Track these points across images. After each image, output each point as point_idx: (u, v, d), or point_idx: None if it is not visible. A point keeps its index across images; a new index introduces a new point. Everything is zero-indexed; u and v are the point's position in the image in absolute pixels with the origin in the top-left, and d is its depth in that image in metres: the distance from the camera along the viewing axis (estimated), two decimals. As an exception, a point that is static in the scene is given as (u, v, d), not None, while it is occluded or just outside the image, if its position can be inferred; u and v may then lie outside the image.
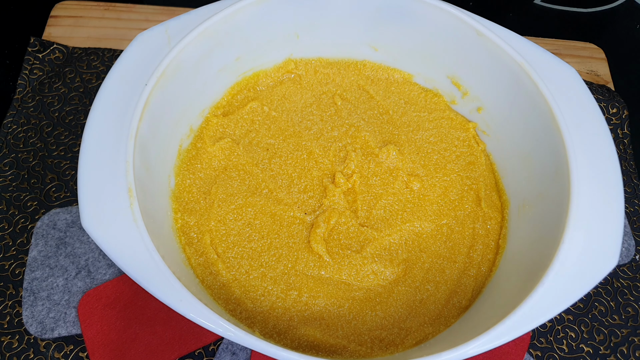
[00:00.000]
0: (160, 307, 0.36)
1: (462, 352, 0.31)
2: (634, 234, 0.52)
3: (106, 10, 0.61)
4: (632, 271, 0.50)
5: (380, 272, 0.42)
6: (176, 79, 0.40)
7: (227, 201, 0.44)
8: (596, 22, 0.70)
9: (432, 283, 0.42)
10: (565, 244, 0.34)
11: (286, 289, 0.41)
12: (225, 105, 0.48)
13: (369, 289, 0.42)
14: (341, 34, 0.48)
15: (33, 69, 0.56)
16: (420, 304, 0.42)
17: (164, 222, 0.40)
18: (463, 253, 0.44)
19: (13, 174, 0.50)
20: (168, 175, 0.43)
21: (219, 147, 0.46)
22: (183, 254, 0.41)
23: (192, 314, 0.31)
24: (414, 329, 0.40)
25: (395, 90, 0.51)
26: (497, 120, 0.46)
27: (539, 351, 0.46)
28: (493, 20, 0.43)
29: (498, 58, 0.42)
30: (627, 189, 0.54)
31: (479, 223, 0.45)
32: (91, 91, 0.55)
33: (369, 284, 0.42)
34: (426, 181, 0.47)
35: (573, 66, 0.42)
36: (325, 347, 0.39)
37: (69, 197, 0.49)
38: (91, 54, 0.57)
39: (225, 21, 0.41)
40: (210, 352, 0.43)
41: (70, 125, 0.53)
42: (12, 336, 0.43)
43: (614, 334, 0.47)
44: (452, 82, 0.48)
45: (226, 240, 0.42)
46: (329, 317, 0.41)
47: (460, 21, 0.42)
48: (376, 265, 0.42)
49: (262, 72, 0.49)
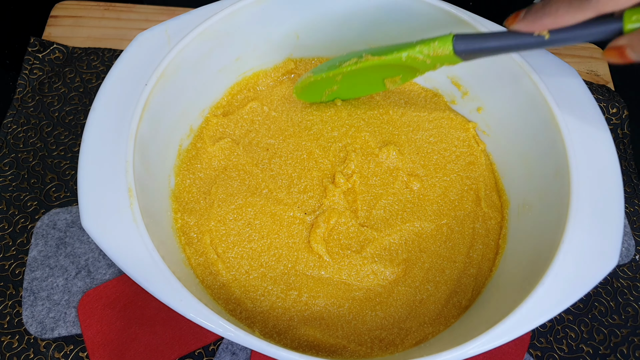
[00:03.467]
0: (160, 307, 0.36)
1: (462, 352, 0.31)
2: (634, 234, 0.52)
3: (106, 10, 0.61)
4: (632, 271, 0.50)
5: (380, 272, 0.42)
6: (176, 79, 0.40)
7: (227, 201, 0.44)
8: (596, 22, 0.69)
9: (432, 283, 0.42)
10: (565, 244, 0.34)
11: (286, 289, 0.41)
12: (225, 105, 0.48)
13: (369, 289, 0.42)
14: (341, 34, 0.48)
15: (33, 69, 0.56)
16: (420, 304, 0.42)
17: (164, 222, 0.40)
18: (463, 253, 0.44)
19: (13, 174, 0.50)
20: (168, 175, 0.43)
21: (219, 147, 0.46)
22: (183, 254, 0.41)
23: (192, 314, 0.31)
24: (414, 329, 0.40)
25: (395, 90, 0.51)
26: (497, 120, 0.46)
27: (539, 351, 0.46)
28: (493, 20, 0.43)
29: (498, 58, 0.42)
30: (627, 189, 0.54)
31: (479, 223, 0.45)
32: (91, 91, 0.55)
33: (369, 284, 0.42)
34: (426, 181, 0.47)
35: (573, 66, 0.42)
36: (325, 347, 0.39)
37: (69, 197, 0.49)
38: (91, 54, 0.57)
39: (225, 21, 0.41)
40: (210, 352, 0.43)
41: (70, 125, 0.53)
42: (12, 336, 0.43)
43: (614, 334, 0.47)
44: (452, 82, 0.48)
45: (226, 240, 0.42)
46: (329, 317, 0.41)
47: (460, 21, 0.42)
48: (376, 265, 0.42)
49: (262, 72, 0.49)
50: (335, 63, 0.43)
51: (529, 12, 0.33)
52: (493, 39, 0.35)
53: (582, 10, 0.31)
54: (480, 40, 0.36)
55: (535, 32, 0.33)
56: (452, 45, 0.36)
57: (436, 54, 0.37)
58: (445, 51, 0.37)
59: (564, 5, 0.31)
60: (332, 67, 0.43)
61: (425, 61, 0.38)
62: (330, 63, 0.44)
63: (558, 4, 0.31)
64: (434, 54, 0.37)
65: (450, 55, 0.37)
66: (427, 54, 0.38)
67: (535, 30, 0.33)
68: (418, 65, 0.39)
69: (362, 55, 0.41)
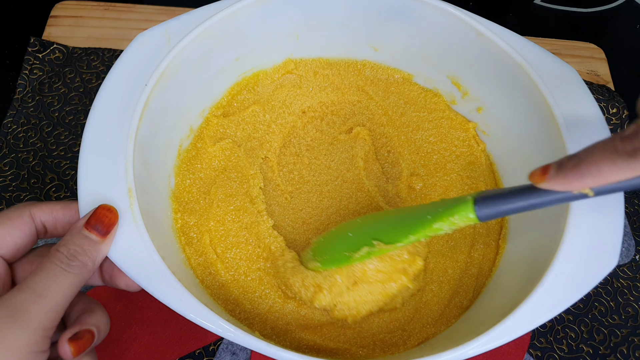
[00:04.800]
0: (160, 307, 0.36)
1: (462, 352, 0.31)
2: (634, 234, 0.52)
3: (106, 10, 0.61)
4: (632, 271, 0.50)
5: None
6: (176, 79, 0.40)
7: (226, 202, 0.44)
8: (596, 22, 0.70)
9: (436, 283, 0.42)
10: (565, 244, 0.34)
11: (284, 296, 0.41)
12: (225, 106, 0.48)
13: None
14: (341, 34, 0.48)
15: (33, 69, 0.56)
16: (424, 306, 0.41)
17: (164, 222, 0.40)
18: (464, 252, 0.44)
19: (13, 174, 0.50)
20: (168, 175, 0.43)
21: (220, 148, 0.46)
22: (183, 254, 0.41)
23: (192, 314, 0.31)
24: (417, 330, 0.40)
25: (395, 90, 0.51)
26: (497, 120, 0.46)
27: (539, 351, 0.46)
28: (493, 20, 0.43)
29: (498, 58, 0.42)
30: (627, 189, 0.54)
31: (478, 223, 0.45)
32: (91, 91, 0.55)
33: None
34: (426, 181, 0.47)
35: (573, 66, 0.42)
36: (326, 350, 0.39)
37: (69, 197, 0.49)
38: (91, 54, 0.57)
39: (225, 21, 0.41)
40: (210, 352, 0.43)
41: (70, 125, 0.53)
42: (12, 336, 0.43)
43: (614, 334, 0.47)
44: (452, 82, 0.48)
45: (225, 240, 0.42)
46: (331, 327, 0.40)
47: (460, 21, 0.42)
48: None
49: (262, 72, 0.49)
50: (343, 246, 0.38)
51: (562, 170, 0.26)
52: (519, 198, 0.29)
53: (631, 169, 0.24)
54: (505, 201, 0.30)
55: (574, 191, 0.27)
56: (473, 213, 0.30)
57: (456, 227, 0.32)
58: (466, 222, 0.31)
59: (607, 164, 0.25)
60: (339, 251, 0.38)
61: (442, 229, 0.33)
62: (335, 244, 0.39)
63: (599, 165, 0.25)
64: (453, 228, 0.32)
65: (472, 221, 0.31)
66: (446, 230, 0.32)
67: (574, 190, 0.27)
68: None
69: (372, 244, 0.35)
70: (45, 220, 0.33)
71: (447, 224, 0.32)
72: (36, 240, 0.33)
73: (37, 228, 0.33)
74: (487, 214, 0.30)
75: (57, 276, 0.28)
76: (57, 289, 0.28)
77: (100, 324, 0.31)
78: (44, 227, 0.33)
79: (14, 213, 0.32)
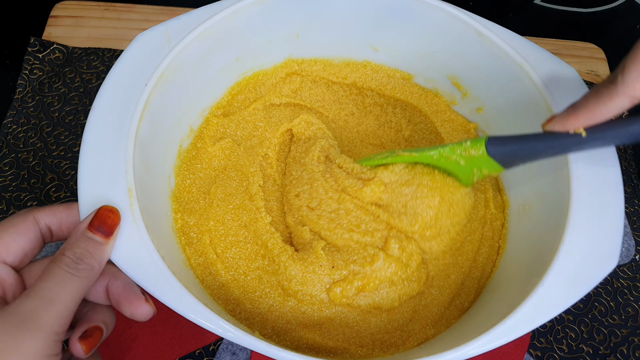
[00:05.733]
0: (160, 307, 0.36)
1: (462, 353, 0.31)
2: (634, 234, 0.52)
3: (106, 10, 0.61)
4: (632, 271, 0.50)
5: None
6: (176, 79, 0.40)
7: (226, 201, 0.44)
8: (596, 22, 0.70)
9: (437, 288, 0.42)
10: (565, 244, 0.34)
11: (284, 294, 0.41)
12: (225, 106, 0.48)
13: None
14: (341, 34, 0.48)
15: (33, 69, 0.56)
16: (424, 308, 0.41)
17: (164, 222, 0.40)
18: (470, 258, 0.43)
19: (13, 174, 0.50)
20: (168, 175, 0.43)
21: (220, 147, 0.46)
22: (183, 254, 0.41)
23: (192, 314, 0.31)
24: (416, 331, 0.40)
25: (394, 91, 0.51)
26: (497, 120, 0.46)
27: (539, 351, 0.46)
28: (493, 20, 0.43)
29: (498, 58, 0.42)
30: (627, 189, 0.54)
31: (487, 226, 0.44)
32: (91, 91, 0.55)
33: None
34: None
35: (573, 66, 0.42)
36: (325, 349, 0.39)
37: (69, 197, 0.49)
38: (91, 54, 0.57)
39: (225, 21, 0.41)
40: (210, 352, 0.43)
41: (70, 125, 0.53)
42: (12, 336, 0.43)
43: (614, 334, 0.47)
44: (452, 82, 0.48)
45: (224, 240, 0.42)
46: (330, 324, 0.40)
47: (460, 21, 0.42)
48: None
49: (262, 72, 0.49)
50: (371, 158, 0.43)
51: (563, 112, 0.31)
52: (528, 140, 0.34)
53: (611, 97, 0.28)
54: (514, 142, 0.35)
55: (570, 130, 0.31)
56: (484, 146, 0.36)
57: (469, 155, 0.37)
58: (477, 152, 0.36)
59: (593, 97, 0.29)
60: (367, 159, 0.43)
61: (458, 161, 0.38)
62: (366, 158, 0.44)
63: (587, 99, 0.30)
64: (466, 154, 0.37)
65: (484, 156, 0.36)
66: (460, 154, 0.37)
67: (570, 128, 0.31)
68: (452, 167, 0.39)
69: (395, 151, 0.41)
70: (50, 223, 0.33)
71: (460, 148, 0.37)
72: (43, 244, 0.33)
73: (42, 232, 0.33)
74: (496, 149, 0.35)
75: (64, 281, 0.28)
76: (66, 294, 0.28)
77: (106, 319, 0.32)
78: (49, 230, 0.33)
79: (17, 219, 0.32)
